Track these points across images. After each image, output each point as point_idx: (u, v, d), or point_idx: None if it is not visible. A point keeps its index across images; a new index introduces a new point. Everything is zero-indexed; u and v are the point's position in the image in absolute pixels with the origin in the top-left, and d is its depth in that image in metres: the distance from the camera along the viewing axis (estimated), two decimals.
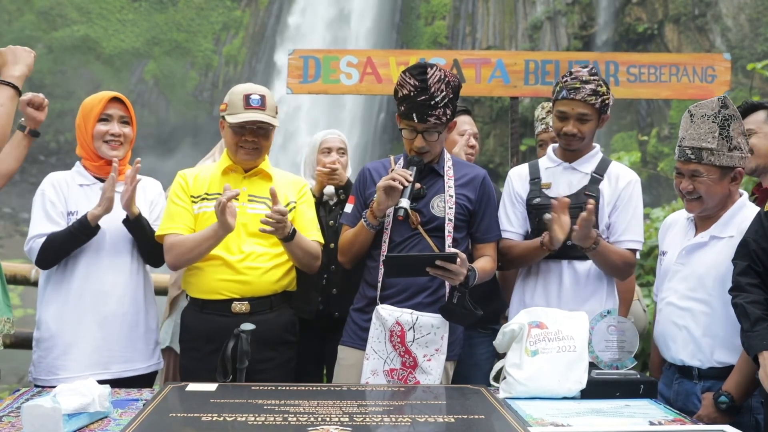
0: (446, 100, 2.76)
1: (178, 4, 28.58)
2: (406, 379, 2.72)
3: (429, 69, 2.74)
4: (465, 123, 3.55)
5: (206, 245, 2.82)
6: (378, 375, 2.74)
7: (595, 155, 3.03)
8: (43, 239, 2.82)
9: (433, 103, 2.73)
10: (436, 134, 2.79)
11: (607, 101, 2.92)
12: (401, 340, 2.73)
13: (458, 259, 2.61)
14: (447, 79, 2.75)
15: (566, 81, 2.92)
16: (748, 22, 22.77)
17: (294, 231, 2.84)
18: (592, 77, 2.90)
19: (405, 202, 2.71)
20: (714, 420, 2.47)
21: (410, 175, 2.76)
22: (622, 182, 2.96)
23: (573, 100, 2.89)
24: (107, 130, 2.93)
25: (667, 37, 23.51)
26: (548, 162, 3.07)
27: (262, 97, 2.92)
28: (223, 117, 2.96)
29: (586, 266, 2.93)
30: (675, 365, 2.73)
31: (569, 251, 2.91)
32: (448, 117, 2.80)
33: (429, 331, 2.73)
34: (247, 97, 2.90)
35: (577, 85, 2.89)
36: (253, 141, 2.92)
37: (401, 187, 2.73)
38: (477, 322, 3.23)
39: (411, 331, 2.72)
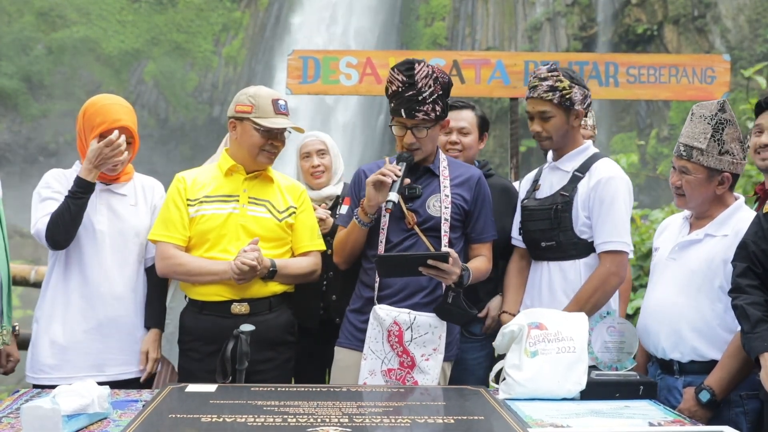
0: (434, 96, 2.76)
1: (178, 5, 28.57)
2: (404, 379, 2.72)
3: (417, 65, 2.77)
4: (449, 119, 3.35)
5: (207, 279, 2.85)
6: (376, 375, 2.74)
7: (582, 152, 2.96)
8: (47, 218, 2.79)
9: (420, 98, 2.75)
10: (425, 130, 2.79)
11: (568, 95, 2.83)
12: (399, 340, 2.73)
13: (450, 259, 2.61)
14: (435, 74, 2.76)
15: (530, 81, 2.94)
16: (747, 24, 22.78)
17: (273, 270, 2.84)
18: (550, 73, 2.85)
19: (394, 196, 2.72)
20: (694, 414, 2.51)
21: (399, 170, 2.76)
22: (594, 180, 2.86)
23: (532, 98, 2.89)
24: None
25: (667, 38, 23.52)
26: (547, 162, 3.08)
27: (286, 103, 2.96)
28: (240, 118, 2.91)
29: (561, 267, 2.91)
30: (657, 362, 2.78)
31: (544, 253, 2.94)
32: (438, 114, 2.79)
33: (427, 331, 2.73)
34: (275, 102, 2.91)
35: (536, 83, 2.88)
36: (278, 146, 2.94)
37: (390, 182, 2.73)
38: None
39: (409, 330, 2.72)
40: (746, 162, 2.76)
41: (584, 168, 2.92)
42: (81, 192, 2.77)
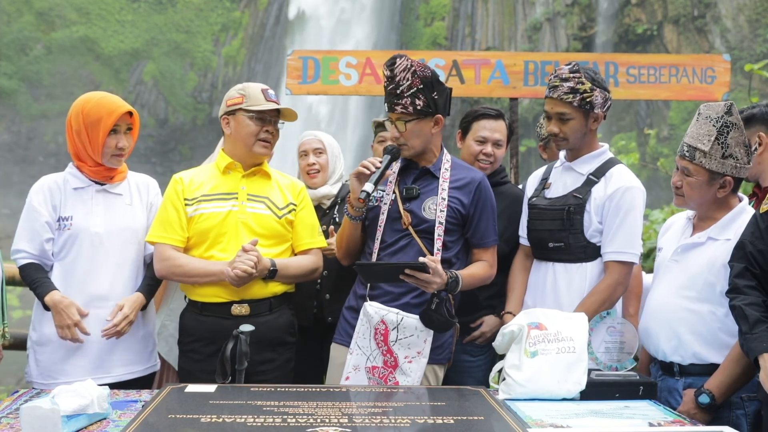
0: (413, 90, 2.75)
1: (177, 5, 28.59)
2: (386, 378, 2.72)
3: (398, 59, 2.79)
4: (484, 129, 3.27)
5: (205, 280, 2.85)
6: (360, 371, 2.74)
7: (599, 156, 2.93)
8: (23, 259, 2.85)
9: (398, 92, 2.76)
10: (403, 123, 2.79)
11: (589, 98, 2.81)
12: (384, 338, 2.72)
13: (430, 269, 2.61)
14: (413, 68, 2.76)
15: (550, 79, 2.90)
16: (747, 23, 22.80)
17: (274, 270, 2.84)
18: (572, 74, 2.82)
19: (369, 186, 2.73)
20: (694, 416, 2.51)
21: (380, 161, 2.78)
22: (612, 188, 2.83)
23: (552, 98, 2.86)
24: (116, 143, 2.87)
25: (667, 38, 23.54)
26: (558, 161, 3.06)
27: (275, 94, 2.98)
28: (232, 112, 2.92)
29: (567, 269, 2.89)
30: (658, 363, 2.77)
31: (550, 254, 2.92)
32: (418, 108, 2.77)
33: (412, 333, 2.72)
34: (265, 91, 2.94)
35: (556, 83, 2.85)
36: (273, 133, 2.95)
37: (368, 173, 2.76)
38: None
39: (395, 331, 2.72)
40: (750, 166, 2.73)
41: (600, 172, 2.89)
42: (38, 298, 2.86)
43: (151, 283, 2.96)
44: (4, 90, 26.27)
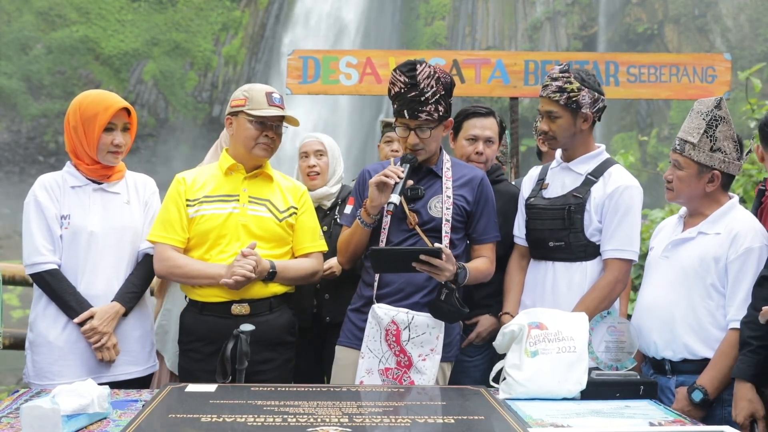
0: (437, 97, 2.76)
1: (177, 4, 28.55)
2: (400, 378, 2.72)
3: (418, 65, 2.77)
4: (474, 127, 3.27)
5: (204, 282, 2.84)
6: (373, 374, 2.74)
7: (596, 156, 2.95)
8: (44, 268, 2.78)
9: (423, 99, 2.75)
10: (428, 131, 2.80)
11: (575, 98, 2.82)
12: (396, 339, 2.73)
13: (443, 255, 2.61)
14: (437, 75, 2.77)
15: (544, 79, 2.95)
16: (748, 23, 22.79)
17: (273, 272, 2.84)
18: (561, 74, 2.86)
19: (395, 198, 2.72)
20: (688, 413, 2.51)
21: (402, 171, 2.77)
22: (611, 187, 2.85)
23: (542, 97, 2.91)
24: (112, 139, 2.87)
25: (667, 38, 23.52)
26: (554, 162, 3.07)
27: (281, 98, 2.97)
28: (235, 113, 2.92)
29: (568, 269, 2.90)
30: (649, 361, 2.78)
31: (551, 253, 2.92)
32: (441, 114, 2.79)
33: (424, 331, 2.73)
34: (269, 95, 2.92)
35: (547, 82, 2.89)
36: (273, 138, 2.94)
37: (392, 183, 2.74)
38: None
39: (406, 330, 2.72)
40: (742, 162, 2.76)
41: (598, 172, 2.91)
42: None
43: (132, 290, 2.90)
44: (3, 90, 26.24)
